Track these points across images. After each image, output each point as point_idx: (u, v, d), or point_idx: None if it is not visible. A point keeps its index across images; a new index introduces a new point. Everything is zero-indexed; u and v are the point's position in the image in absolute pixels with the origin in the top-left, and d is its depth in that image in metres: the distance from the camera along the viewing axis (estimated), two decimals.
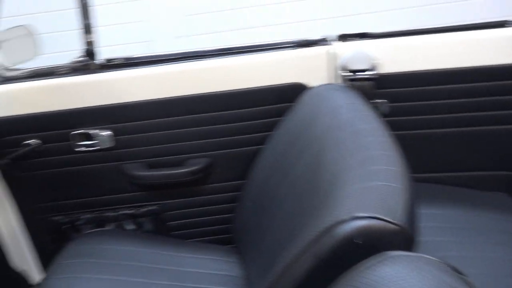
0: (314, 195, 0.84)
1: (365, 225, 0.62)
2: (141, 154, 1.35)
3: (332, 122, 1.00)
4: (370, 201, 0.66)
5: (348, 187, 0.73)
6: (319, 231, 0.67)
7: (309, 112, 1.12)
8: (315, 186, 0.86)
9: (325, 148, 0.93)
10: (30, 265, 1.50)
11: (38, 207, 1.42)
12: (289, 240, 0.82)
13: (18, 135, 1.30)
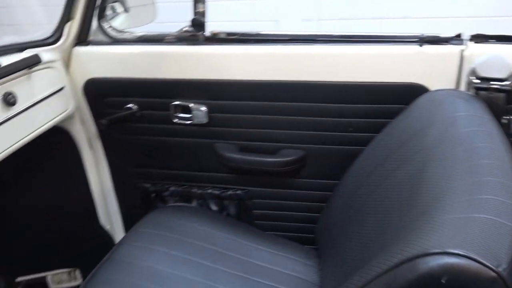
0: (406, 214, 0.76)
1: (456, 264, 0.54)
2: (233, 135, 1.35)
3: (446, 134, 0.90)
4: (469, 237, 0.58)
5: (446, 214, 0.64)
6: (400, 258, 0.60)
7: (422, 118, 1.03)
8: (409, 204, 0.78)
9: (431, 162, 0.84)
10: (114, 225, 1.60)
11: (129, 171, 1.50)
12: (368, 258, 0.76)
13: (120, 97, 1.38)
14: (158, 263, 1.12)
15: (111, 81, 1.36)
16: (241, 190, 1.44)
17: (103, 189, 1.55)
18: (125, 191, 1.55)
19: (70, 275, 1.60)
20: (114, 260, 1.15)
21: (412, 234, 0.65)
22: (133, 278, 1.08)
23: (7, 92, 1.11)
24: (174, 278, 1.09)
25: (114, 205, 1.57)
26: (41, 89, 1.23)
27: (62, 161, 1.48)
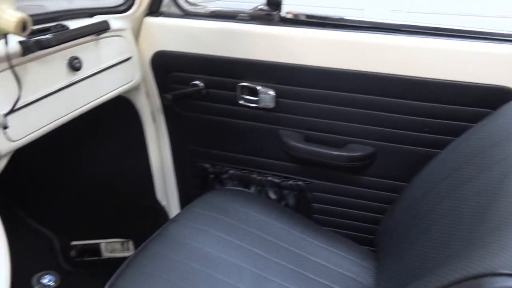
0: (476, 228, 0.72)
1: None
2: (300, 123, 1.34)
3: None
4: None
5: None
6: (463, 274, 0.57)
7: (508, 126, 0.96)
8: (481, 217, 0.73)
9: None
10: (170, 201, 1.64)
11: (190, 149, 1.53)
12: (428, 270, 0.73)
13: (187, 73, 1.40)
14: (208, 246, 1.14)
15: (179, 56, 1.38)
16: (303, 181, 1.43)
17: (162, 164, 1.59)
18: (184, 169, 1.58)
19: (123, 246, 1.66)
20: (165, 236, 1.18)
21: (480, 250, 0.61)
22: (181, 257, 1.10)
23: (73, 56, 1.15)
24: (222, 263, 1.10)
25: (172, 181, 1.61)
26: (108, 56, 1.26)
27: (125, 132, 1.53)
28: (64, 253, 1.68)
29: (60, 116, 1.15)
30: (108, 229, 1.67)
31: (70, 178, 1.65)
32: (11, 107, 1.01)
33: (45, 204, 1.72)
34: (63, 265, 1.66)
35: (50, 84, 1.12)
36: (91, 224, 1.68)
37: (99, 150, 1.56)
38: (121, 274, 1.08)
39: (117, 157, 1.57)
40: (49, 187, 1.70)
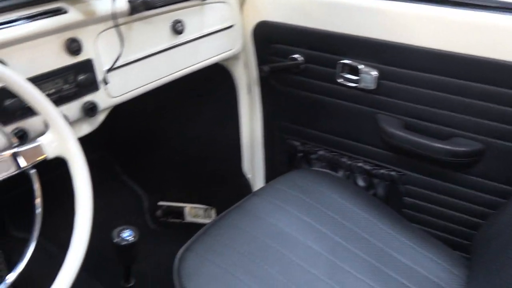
0: None
1: None
2: (401, 109, 1.23)
3: None
4: None
5: None
6: None
7: None
8: None
9: None
10: (256, 175, 1.61)
11: (281, 125, 1.48)
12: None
13: (288, 45, 1.34)
14: (286, 225, 1.10)
15: (282, 27, 1.32)
16: (396, 172, 1.33)
17: (252, 137, 1.56)
18: (272, 144, 1.54)
19: (206, 212, 1.67)
20: (245, 209, 1.15)
21: None
22: (257, 232, 1.07)
23: (177, 19, 1.15)
24: (298, 244, 1.05)
25: (259, 155, 1.58)
26: (210, 23, 1.24)
27: (219, 101, 1.52)
28: (151, 212, 1.73)
29: (158, 78, 1.16)
30: (193, 194, 1.69)
31: (164, 140, 1.69)
32: (112, 64, 1.03)
33: (139, 163, 1.78)
34: (149, 223, 1.72)
35: (152, 45, 1.12)
36: (178, 187, 1.71)
37: (193, 116, 1.57)
38: (197, 239, 1.08)
39: (209, 125, 1.56)
40: (144, 147, 1.75)
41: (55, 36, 0.94)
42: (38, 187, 0.82)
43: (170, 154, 1.67)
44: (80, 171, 0.81)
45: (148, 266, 1.47)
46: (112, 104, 1.08)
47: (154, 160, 1.72)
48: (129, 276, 1.03)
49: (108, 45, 1.03)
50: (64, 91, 0.97)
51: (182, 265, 1.01)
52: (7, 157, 0.78)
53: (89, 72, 1.00)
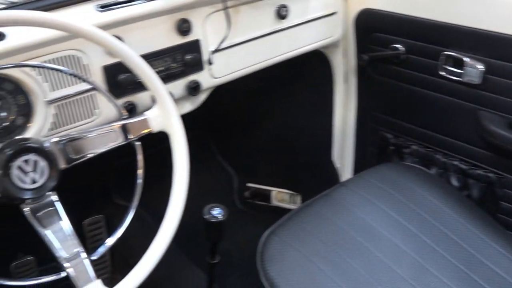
0: None
1: None
2: (506, 106, 1.15)
3: None
4: None
5: None
6: None
7: None
8: None
9: None
10: (344, 165, 1.60)
11: (375, 115, 1.45)
12: None
13: (389, 34, 1.30)
14: (373, 219, 1.08)
15: (385, 15, 1.28)
16: (494, 174, 1.25)
17: (344, 126, 1.54)
18: (364, 135, 1.51)
19: (291, 198, 1.68)
20: (332, 199, 1.14)
21: None
22: (343, 223, 1.06)
23: (282, 4, 1.15)
24: (384, 241, 1.03)
25: (350, 145, 1.56)
26: (314, 9, 1.24)
27: (315, 88, 1.52)
28: (239, 192, 1.77)
29: (259, 61, 1.18)
30: (280, 179, 1.70)
31: (258, 123, 1.71)
32: (217, 45, 1.06)
33: (233, 144, 1.82)
34: (236, 203, 1.76)
35: (256, 29, 1.15)
36: (267, 171, 1.73)
37: (288, 101, 1.57)
38: (282, 224, 1.09)
39: (303, 111, 1.56)
40: (238, 129, 1.79)
41: (168, 16, 0.99)
42: (141, 158, 0.87)
43: (263, 138, 1.69)
44: (180, 146, 0.85)
45: (232, 245, 1.51)
46: (214, 85, 1.11)
47: (247, 142, 1.75)
48: (215, 253, 1.06)
49: (215, 27, 1.06)
50: (172, 69, 1.02)
51: (265, 248, 1.03)
52: (116, 128, 0.83)
53: (196, 52, 1.04)
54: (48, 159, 0.76)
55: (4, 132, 0.85)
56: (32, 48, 0.84)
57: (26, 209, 0.77)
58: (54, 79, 0.87)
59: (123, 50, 0.78)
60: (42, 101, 0.86)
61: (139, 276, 0.78)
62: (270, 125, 1.66)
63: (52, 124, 0.89)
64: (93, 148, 0.82)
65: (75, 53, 0.89)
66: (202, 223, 0.99)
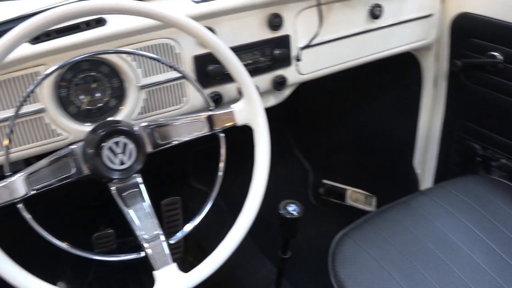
0: None
1: None
2: None
3: None
4: None
5: None
6: None
7: None
8: None
9: None
10: (425, 172, 1.53)
11: (462, 124, 1.37)
12: None
13: (487, 41, 1.21)
14: (453, 232, 1.02)
15: (484, 21, 1.20)
16: None
17: (428, 132, 1.47)
18: (449, 143, 1.44)
19: (366, 199, 1.64)
20: (411, 207, 1.10)
21: None
22: (420, 233, 1.02)
23: (376, 3, 1.11)
24: (462, 256, 0.98)
25: (433, 152, 1.49)
26: (408, 10, 1.19)
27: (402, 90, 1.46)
28: (314, 188, 1.75)
29: (348, 60, 1.15)
30: (357, 179, 1.66)
31: (339, 121, 1.68)
32: (308, 42, 1.05)
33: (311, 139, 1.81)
34: (310, 198, 1.75)
35: (347, 27, 1.12)
36: (344, 169, 1.70)
37: (372, 102, 1.53)
38: (357, 227, 1.07)
39: (387, 113, 1.51)
40: (318, 125, 1.77)
41: (260, 10, 0.99)
42: (224, 152, 0.87)
43: (343, 135, 1.66)
44: (263, 142, 0.85)
45: (304, 240, 1.50)
46: (300, 81, 1.10)
47: (326, 139, 1.72)
48: (287, 248, 1.06)
49: (306, 23, 1.05)
50: (260, 63, 1.02)
51: (338, 249, 1.02)
52: (203, 118, 0.84)
53: (285, 47, 1.03)
54: (137, 142, 0.79)
55: (97, 113, 0.90)
56: (129, 34, 0.87)
57: (113, 188, 0.80)
58: (147, 65, 0.90)
59: (215, 42, 0.78)
60: (134, 85, 0.90)
61: (214, 264, 0.79)
62: (352, 124, 1.62)
63: (142, 109, 0.92)
64: (178, 135, 0.84)
65: (169, 42, 0.91)
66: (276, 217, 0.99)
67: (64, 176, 0.76)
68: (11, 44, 0.65)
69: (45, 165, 0.75)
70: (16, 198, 0.72)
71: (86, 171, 0.78)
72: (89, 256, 0.77)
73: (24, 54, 0.79)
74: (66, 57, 0.81)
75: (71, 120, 0.87)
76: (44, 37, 0.81)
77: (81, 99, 0.87)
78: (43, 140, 0.86)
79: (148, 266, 0.78)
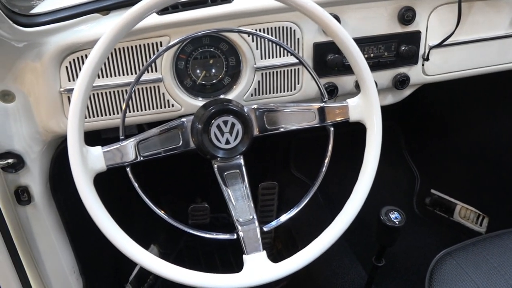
0: None
1: None
2: None
3: None
4: None
5: None
6: None
7: None
8: None
9: None
10: None
11: None
12: None
13: None
14: None
15: None
16: None
17: None
18: None
19: (477, 218, 1.52)
20: None
21: None
22: None
23: None
24: None
25: None
26: None
27: None
28: (420, 197, 1.66)
29: (483, 66, 1.07)
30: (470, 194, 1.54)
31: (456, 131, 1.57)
32: (440, 41, 0.98)
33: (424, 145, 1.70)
34: (414, 206, 1.66)
35: (487, 29, 1.04)
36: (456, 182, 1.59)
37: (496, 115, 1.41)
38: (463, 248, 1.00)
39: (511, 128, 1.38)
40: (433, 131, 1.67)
41: (393, 1, 0.94)
42: (331, 148, 0.85)
43: (461, 144, 1.54)
44: (375, 143, 0.81)
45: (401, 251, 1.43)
46: (425, 82, 1.04)
47: (441, 144, 1.62)
48: (382, 255, 1.02)
49: (441, 21, 0.98)
50: (383, 58, 0.97)
51: (438, 268, 0.96)
52: (315, 109, 0.82)
53: (413, 44, 0.97)
54: (245, 124, 0.79)
55: (210, 89, 0.92)
56: (253, 14, 0.87)
57: (215, 165, 0.82)
58: (265, 47, 0.90)
59: (338, 31, 0.75)
60: (251, 66, 0.90)
61: (305, 259, 0.78)
62: (473, 134, 1.49)
63: (254, 90, 0.92)
64: (287, 123, 0.83)
65: (291, 26, 0.89)
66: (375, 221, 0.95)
67: (171, 147, 0.79)
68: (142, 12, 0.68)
69: (155, 133, 0.78)
70: (126, 162, 0.76)
71: (192, 145, 0.80)
72: (184, 228, 0.79)
73: (150, 24, 0.82)
74: (189, 30, 0.83)
75: (185, 93, 0.90)
76: (171, 9, 0.84)
77: (197, 73, 0.90)
78: (156, 109, 0.89)
79: (237, 247, 0.79)
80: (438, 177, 1.64)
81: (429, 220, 1.60)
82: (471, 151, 1.52)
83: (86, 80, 0.68)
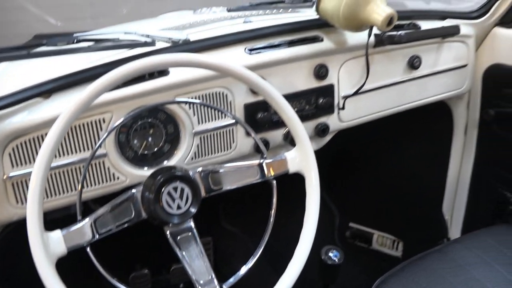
0: None
1: None
2: None
3: None
4: None
5: None
6: None
7: None
8: None
9: None
10: (453, 218, 1.57)
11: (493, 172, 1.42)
12: None
13: None
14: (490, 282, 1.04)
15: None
16: None
17: (458, 179, 1.52)
18: (479, 191, 1.49)
19: (393, 244, 1.68)
20: (446, 255, 1.13)
21: None
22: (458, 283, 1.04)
23: (415, 55, 1.19)
24: None
25: (462, 199, 1.54)
26: (445, 60, 1.26)
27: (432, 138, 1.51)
28: (340, 231, 1.78)
29: (386, 108, 1.22)
30: (385, 223, 1.70)
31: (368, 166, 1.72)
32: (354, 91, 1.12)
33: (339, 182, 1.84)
34: (336, 241, 1.77)
35: (387, 77, 1.19)
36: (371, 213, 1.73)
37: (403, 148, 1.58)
38: (393, 274, 1.09)
39: (417, 160, 1.57)
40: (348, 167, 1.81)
41: (308, 61, 1.06)
42: (275, 200, 0.92)
43: (371, 180, 1.70)
44: (315, 191, 0.90)
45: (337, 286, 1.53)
46: (341, 128, 1.16)
47: (355, 183, 1.76)
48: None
49: (349, 73, 1.12)
50: (305, 111, 1.08)
51: None
52: (255, 165, 0.90)
53: (329, 96, 1.10)
54: (193, 187, 0.84)
55: (151, 157, 0.95)
56: (188, 84, 0.93)
57: (168, 231, 0.85)
58: (201, 113, 0.96)
59: (270, 91, 0.84)
60: (189, 132, 0.95)
61: None
62: (381, 168, 1.67)
63: (194, 154, 0.98)
64: (231, 181, 0.89)
65: (223, 90, 0.97)
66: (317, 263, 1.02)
67: (125, 220, 0.81)
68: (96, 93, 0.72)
69: (108, 209, 0.80)
70: (86, 242, 0.77)
71: (144, 215, 0.83)
72: None
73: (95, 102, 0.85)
74: (130, 105, 0.88)
75: (129, 164, 0.92)
76: None
77: (137, 144, 0.93)
78: (102, 184, 0.91)
79: None
80: (355, 211, 1.78)
81: (352, 252, 1.73)
82: (382, 184, 1.68)
83: (44, 163, 0.69)
